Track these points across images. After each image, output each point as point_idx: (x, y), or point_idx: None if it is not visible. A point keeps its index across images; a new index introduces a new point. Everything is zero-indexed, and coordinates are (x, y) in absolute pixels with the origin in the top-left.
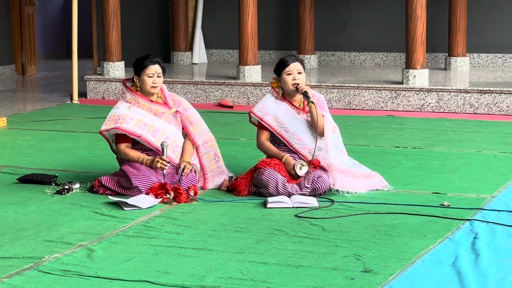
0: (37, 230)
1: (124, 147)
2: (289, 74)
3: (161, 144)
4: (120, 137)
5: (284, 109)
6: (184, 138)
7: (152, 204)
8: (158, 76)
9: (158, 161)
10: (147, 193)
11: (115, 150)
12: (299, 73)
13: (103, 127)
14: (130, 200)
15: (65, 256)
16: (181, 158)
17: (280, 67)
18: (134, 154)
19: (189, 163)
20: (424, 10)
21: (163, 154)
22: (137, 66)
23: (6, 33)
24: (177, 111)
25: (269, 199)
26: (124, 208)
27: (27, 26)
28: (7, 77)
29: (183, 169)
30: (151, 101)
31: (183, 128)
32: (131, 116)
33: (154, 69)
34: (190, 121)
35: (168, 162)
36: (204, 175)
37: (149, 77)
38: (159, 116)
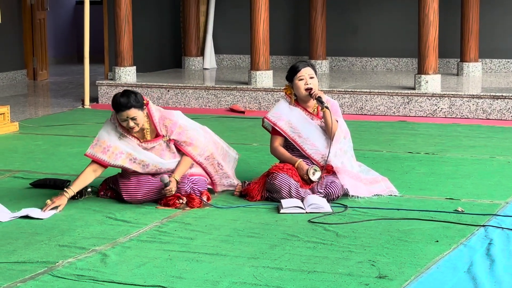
0: (51, 234)
1: (90, 168)
2: (301, 80)
3: (162, 180)
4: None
5: (298, 115)
6: (181, 158)
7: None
8: (133, 119)
9: (54, 202)
10: (159, 203)
11: None
12: (311, 77)
13: (90, 151)
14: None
15: (79, 260)
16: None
17: (291, 73)
18: (77, 181)
19: (177, 181)
20: (436, 15)
21: (165, 187)
22: (112, 107)
23: (18, 38)
24: (170, 139)
25: (283, 201)
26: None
27: (38, 31)
28: (19, 82)
29: (167, 184)
30: (140, 140)
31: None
32: (121, 149)
33: (125, 114)
34: (188, 144)
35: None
36: (211, 178)
37: (122, 121)
38: (150, 150)
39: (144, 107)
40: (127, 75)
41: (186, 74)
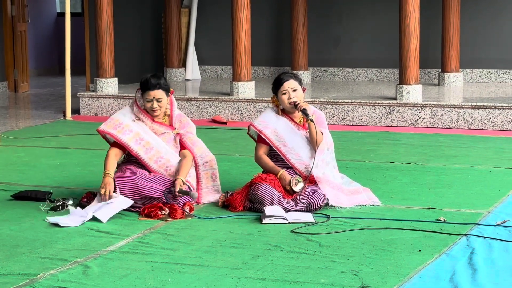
0: (32, 246)
1: (111, 151)
2: (284, 94)
3: (192, 196)
4: (115, 143)
5: (284, 124)
6: (182, 159)
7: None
8: (158, 101)
9: (103, 187)
10: (140, 214)
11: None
12: (294, 90)
13: (102, 127)
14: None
15: (61, 272)
16: (176, 175)
17: (275, 86)
18: (106, 165)
19: (182, 180)
20: (417, 25)
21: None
22: (140, 86)
23: None
24: (178, 133)
25: (266, 209)
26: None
27: (19, 43)
28: (0, 94)
29: (176, 185)
30: (153, 120)
31: (181, 149)
32: (131, 128)
33: (152, 94)
34: (192, 142)
35: (110, 198)
36: (199, 190)
37: (147, 101)
38: (159, 135)
39: (169, 93)
40: (109, 86)
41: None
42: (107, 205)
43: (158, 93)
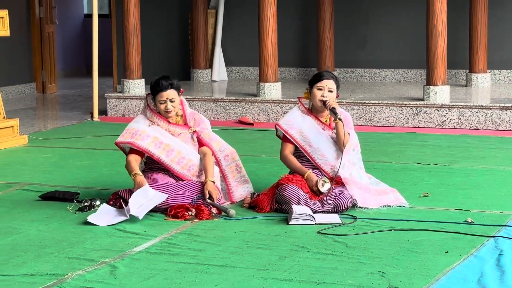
0: (60, 247)
1: (130, 157)
2: (320, 89)
3: (230, 215)
4: (133, 150)
5: (310, 124)
6: (203, 157)
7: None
8: (172, 101)
9: (138, 187)
10: (167, 215)
11: None
12: (330, 91)
13: (120, 139)
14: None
15: (88, 273)
16: (203, 177)
17: (314, 80)
18: (132, 167)
19: (213, 182)
20: (445, 26)
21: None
22: (151, 90)
23: (27, 52)
24: (195, 131)
25: (294, 207)
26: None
27: (47, 45)
28: (28, 95)
29: (210, 192)
30: (169, 122)
31: (199, 146)
32: (148, 133)
33: (165, 95)
34: (210, 138)
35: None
36: (228, 186)
37: (161, 103)
38: (177, 136)
39: (180, 93)
40: (136, 87)
41: (194, 87)
42: (145, 202)
43: (171, 94)
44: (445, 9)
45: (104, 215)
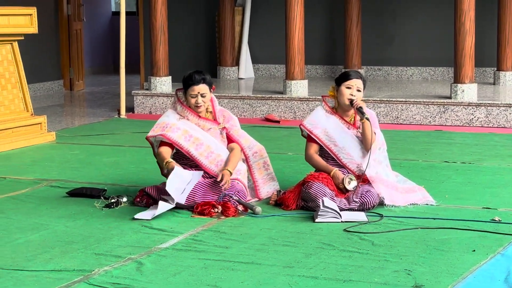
0: (87, 243)
1: (161, 149)
2: (349, 88)
3: (257, 212)
4: (164, 143)
5: (334, 123)
6: (230, 151)
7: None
8: (203, 96)
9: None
10: (193, 212)
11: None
12: (358, 90)
13: (150, 133)
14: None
15: (115, 269)
16: (224, 166)
17: (342, 78)
18: (164, 156)
19: (229, 171)
20: (473, 23)
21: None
22: (183, 83)
23: (55, 49)
24: (224, 127)
25: (324, 199)
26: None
27: (75, 42)
28: (56, 92)
29: (222, 176)
30: (199, 116)
31: (228, 143)
32: (179, 126)
33: (197, 89)
34: (239, 135)
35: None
36: (255, 183)
37: (192, 97)
38: (206, 131)
39: (211, 90)
40: (163, 85)
41: (221, 84)
42: (186, 186)
43: (203, 88)
44: (473, 7)
45: (149, 211)
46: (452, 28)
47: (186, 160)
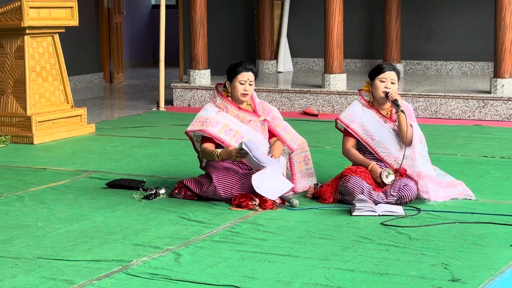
0: (125, 234)
1: (205, 145)
2: (383, 81)
3: (294, 205)
4: (206, 139)
5: (371, 117)
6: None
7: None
8: (250, 84)
9: (235, 156)
10: (231, 204)
11: (198, 149)
12: (392, 83)
13: (190, 128)
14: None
15: (153, 259)
16: (270, 153)
17: (375, 72)
18: (211, 150)
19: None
20: None
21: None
22: (230, 72)
23: (95, 42)
24: (265, 119)
25: (360, 196)
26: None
27: (115, 35)
28: (96, 84)
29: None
30: (240, 108)
31: (270, 137)
32: (218, 120)
33: (247, 76)
34: (280, 128)
35: (241, 150)
36: (293, 175)
37: (241, 84)
38: (246, 124)
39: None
40: (202, 78)
41: (260, 77)
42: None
43: (251, 76)
44: None
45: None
46: (492, 23)
47: None
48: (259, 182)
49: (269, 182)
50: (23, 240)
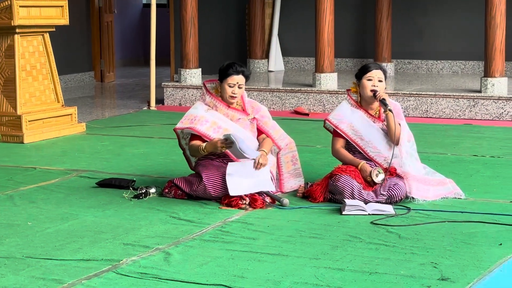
0: (115, 233)
1: (193, 142)
2: (370, 80)
3: (284, 205)
4: (194, 137)
5: (360, 117)
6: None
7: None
8: (239, 87)
9: (220, 146)
10: (221, 203)
11: (183, 146)
12: (380, 81)
13: (179, 125)
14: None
15: (142, 259)
16: (259, 148)
17: (362, 72)
18: (198, 145)
19: (265, 151)
20: (503, 17)
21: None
22: (221, 73)
23: (86, 41)
24: (254, 118)
25: (347, 201)
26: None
27: (106, 34)
28: (86, 83)
29: (259, 157)
30: (229, 106)
31: (258, 135)
32: (207, 118)
33: (236, 79)
34: (269, 126)
35: (226, 140)
36: (280, 175)
37: (230, 86)
38: (235, 122)
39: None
40: (193, 77)
41: (251, 77)
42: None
43: (241, 79)
44: (504, 1)
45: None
46: (483, 22)
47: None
48: (233, 170)
49: (244, 174)
50: (12, 239)
